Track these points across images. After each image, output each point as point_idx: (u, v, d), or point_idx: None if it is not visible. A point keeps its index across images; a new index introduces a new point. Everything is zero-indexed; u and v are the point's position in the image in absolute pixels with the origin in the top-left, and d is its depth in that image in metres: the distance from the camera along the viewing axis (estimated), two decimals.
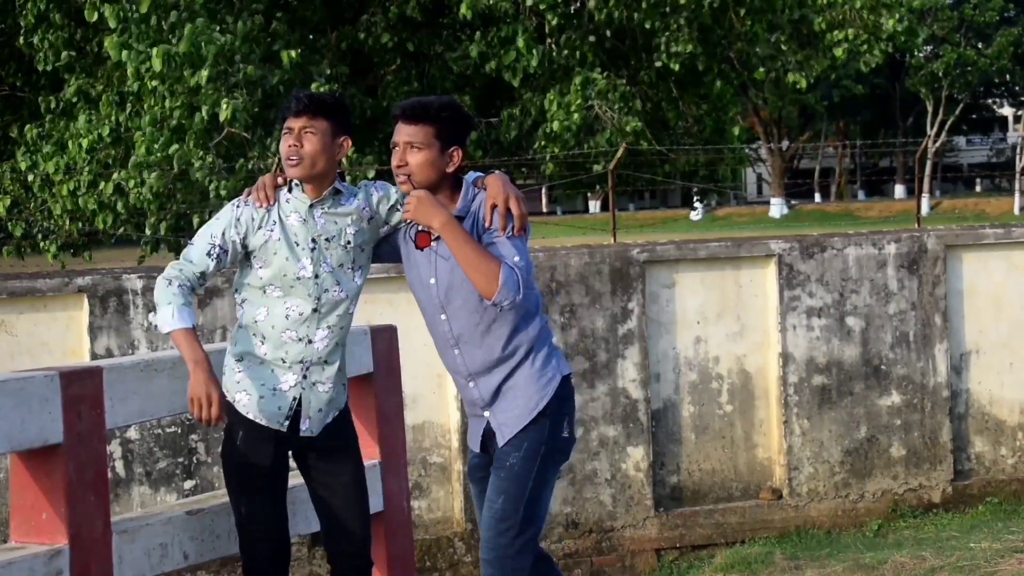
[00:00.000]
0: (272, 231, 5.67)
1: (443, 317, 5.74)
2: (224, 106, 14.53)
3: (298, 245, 5.68)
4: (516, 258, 5.50)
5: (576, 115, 16.83)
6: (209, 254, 5.67)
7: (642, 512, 12.34)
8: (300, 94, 5.78)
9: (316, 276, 5.69)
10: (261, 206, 5.70)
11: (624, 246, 12.74)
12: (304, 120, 5.66)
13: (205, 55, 14.73)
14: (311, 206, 5.73)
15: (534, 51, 16.95)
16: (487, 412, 5.75)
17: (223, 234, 5.68)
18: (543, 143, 17.32)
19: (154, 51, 14.77)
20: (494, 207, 5.58)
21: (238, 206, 5.73)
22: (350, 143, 5.81)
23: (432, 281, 5.74)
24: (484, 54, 17.11)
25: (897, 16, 18.35)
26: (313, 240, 5.71)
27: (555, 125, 16.92)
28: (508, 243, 5.55)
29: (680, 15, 17.43)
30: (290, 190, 5.75)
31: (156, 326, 5.83)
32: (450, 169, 5.69)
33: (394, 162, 5.68)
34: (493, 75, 17.41)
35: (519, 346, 5.68)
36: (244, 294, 5.77)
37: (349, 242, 5.79)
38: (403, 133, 5.66)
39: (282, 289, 5.67)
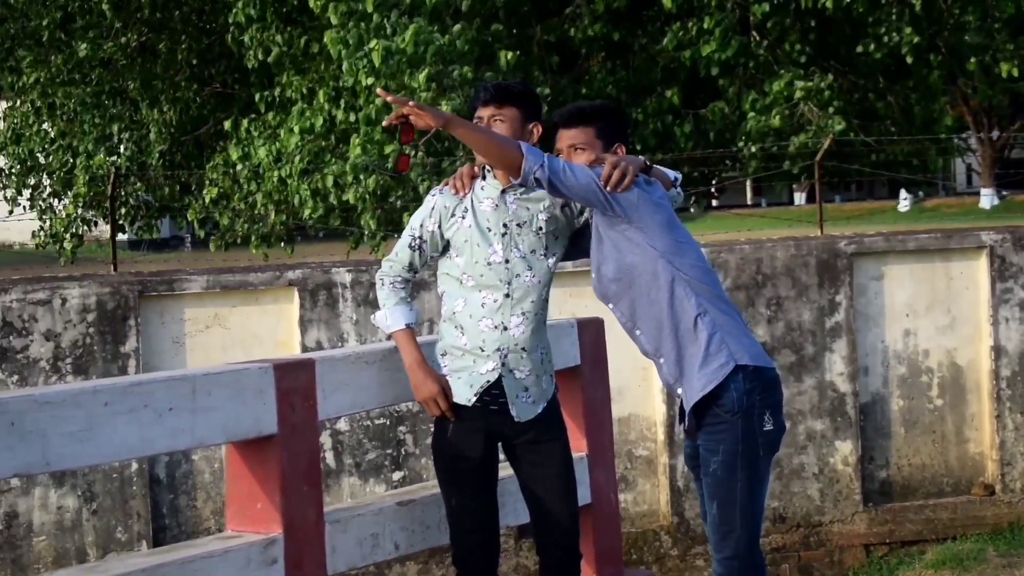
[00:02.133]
0: (464, 218, 5.77)
1: (611, 306, 5.82)
2: (444, 105, 14.64)
3: (490, 231, 5.75)
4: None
5: (777, 117, 16.71)
6: (411, 246, 5.84)
7: (850, 507, 12.19)
8: (488, 84, 5.87)
9: (507, 261, 5.74)
10: (456, 193, 5.78)
11: (831, 238, 12.60)
12: (492, 108, 5.76)
13: (425, 55, 14.90)
14: (503, 192, 5.78)
15: (732, 42, 16.83)
16: (680, 390, 5.71)
17: (421, 225, 5.84)
18: (745, 141, 17.21)
19: (373, 44, 14.97)
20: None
21: (434, 195, 5.87)
22: (540, 129, 5.87)
23: (595, 276, 5.84)
24: (680, 44, 17.03)
25: None
26: (504, 225, 5.76)
27: (751, 125, 16.85)
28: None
29: (894, 5, 17.15)
30: (483, 178, 5.82)
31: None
32: None
33: None
34: (689, 65, 17.30)
35: (681, 312, 5.59)
36: (444, 286, 5.87)
37: (541, 228, 5.81)
38: (565, 138, 5.79)
39: (475, 277, 5.73)
